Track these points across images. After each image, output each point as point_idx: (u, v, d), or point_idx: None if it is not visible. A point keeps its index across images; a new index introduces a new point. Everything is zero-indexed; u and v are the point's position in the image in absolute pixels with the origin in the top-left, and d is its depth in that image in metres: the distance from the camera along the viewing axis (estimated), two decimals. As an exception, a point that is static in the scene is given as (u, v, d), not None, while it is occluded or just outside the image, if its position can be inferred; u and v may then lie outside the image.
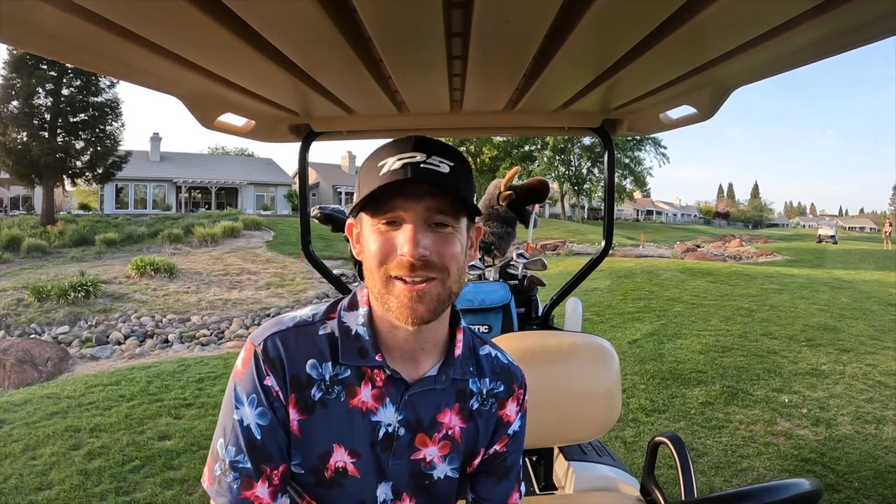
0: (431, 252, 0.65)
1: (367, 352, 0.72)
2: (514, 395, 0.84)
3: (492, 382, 0.82)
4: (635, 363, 4.65)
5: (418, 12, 0.67)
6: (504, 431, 0.83)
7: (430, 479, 0.77)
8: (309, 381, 0.71)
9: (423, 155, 0.66)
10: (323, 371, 0.72)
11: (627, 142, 33.64)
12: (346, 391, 0.72)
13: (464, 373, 0.78)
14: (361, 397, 0.72)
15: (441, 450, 0.77)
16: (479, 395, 0.80)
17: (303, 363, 0.71)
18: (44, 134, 19.40)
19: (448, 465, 0.78)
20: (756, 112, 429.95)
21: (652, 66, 0.88)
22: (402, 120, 1.41)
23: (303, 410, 0.71)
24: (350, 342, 0.73)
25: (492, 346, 0.86)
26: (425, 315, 0.66)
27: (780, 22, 0.66)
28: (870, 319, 6.26)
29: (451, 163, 0.68)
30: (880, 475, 2.81)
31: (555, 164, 35.54)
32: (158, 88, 1.04)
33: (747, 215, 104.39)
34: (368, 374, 0.73)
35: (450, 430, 0.77)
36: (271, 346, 0.71)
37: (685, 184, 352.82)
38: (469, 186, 0.70)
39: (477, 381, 0.80)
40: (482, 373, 0.81)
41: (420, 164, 0.65)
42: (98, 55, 0.82)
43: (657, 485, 1.31)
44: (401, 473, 0.75)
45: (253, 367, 0.71)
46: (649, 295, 7.58)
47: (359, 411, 0.72)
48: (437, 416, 0.76)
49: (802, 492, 0.80)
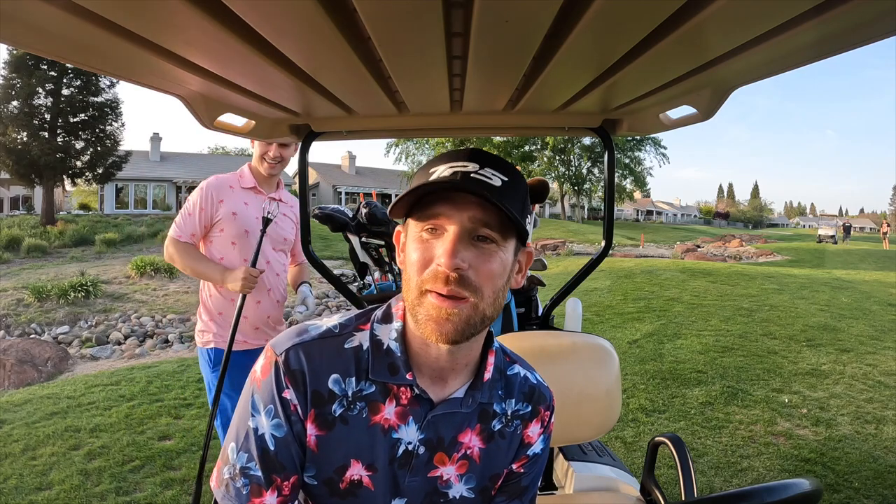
0: (469, 266, 0.62)
1: (398, 369, 0.70)
2: (540, 416, 0.81)
3: (518, 403, 0.79)
4: (635, 363, 4.65)
5: (418, 12, 0.67)
6: (524, 452, 0.81)
7: (446, 498, 0.75)
8: (331, 396, 0.69)
9: (475, 165, 0.64)
10: (346, 387, 0.70)
11: (627, 142, 33.65)
12: (368, 407, 0.70)
13: (491, 396, 0.76)
14: (384, 414, 0.70)
15: (458, 469, 0.75)
16: (504, 416, 0.78)
17: (325, 378, 0.69)
18: (44, 134, 19.40)
19: (465, 484, 0.76)
20: (756, 112, 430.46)
21: (652, 66, 0.88)
22: (402, 120, 1.41)
23: (322, 426, 0.69)
24: (380, 357, 0.70)
25: (522, 364, 0.83)
26: (452, 335, 0.63)
27: (780, 22, 0.66)
28: (870, 319, 6.26)
29: (504, 177, 0.65)
30: (880, 475, 2.82)
31: (555, 164, 35.54)
32: (158, 88, 1.04)
33: (747, 215, 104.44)
34: (394, 391, 0.70)
35: (469, 449, 0.75)
36: (293, 358, 0.69)
37: (685, 184, 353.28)
38: (522, 205, 0.66)
39: (503, 402, 0.78)
40: (510, 394, 0.79)
41: (471, 173, 0.63)
42: (98, 55, 0.82)
43: (657, 485, 1.31)
44: (416, 490, 0.74)
45: (273, 377, 0.69)
46: (649, 295, 7.58)
47: (380, 428, 0.70)
48: (457, 436, 0.74)
49: (802, 492, 0.80)
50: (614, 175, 1.60)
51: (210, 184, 2.00)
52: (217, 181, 2.01)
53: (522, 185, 0.68)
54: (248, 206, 2.01)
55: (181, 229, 1.97)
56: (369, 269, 2.70)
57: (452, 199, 0.63)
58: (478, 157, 0.66)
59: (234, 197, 2.00)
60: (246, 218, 2.00)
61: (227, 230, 1.98)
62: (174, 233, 1.97)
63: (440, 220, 0.63)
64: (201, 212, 1.96)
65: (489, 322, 0.66)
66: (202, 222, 1.97)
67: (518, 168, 0.70)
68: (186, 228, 1.97)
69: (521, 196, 0.66)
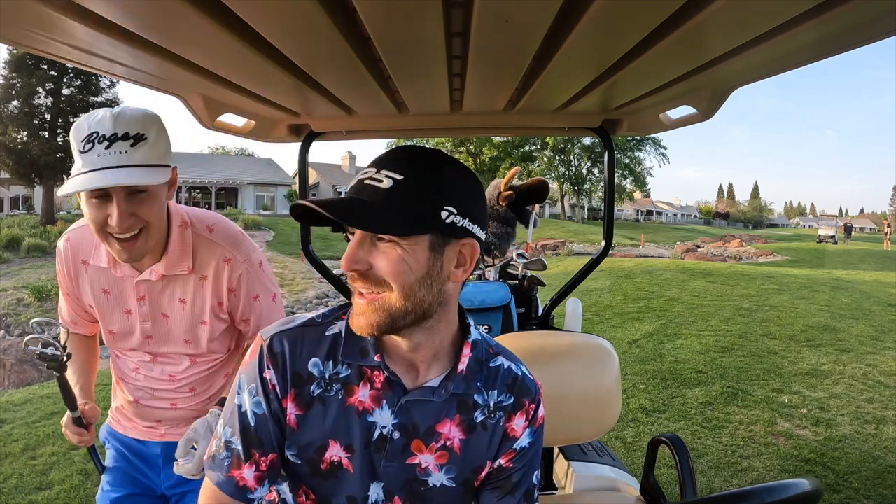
0: (370, 266, 0.66)
1: (367, 352, 0.74)
2: (524, 409, 0.81)
3: (500, 395, 0.79)
4: (635, 363, 4.65)
5: (418, 12, 0.67)
6: (510, 446, 0.81)
7: (426, 486, 0.77)
8: (309, 377, 0.74)
9: (373, 169, 0.67)
10: (324, 369, 0.74)
11: (627, 142, 33.65)
12: (344, 389, 0.74)
13: (467, 387, 0.77)
14: (359, 396, 0.74)
15: (438, 459, 0.77)
16: (486, 408, 0.78)
17: (306, 361, 0.74)
18: (44, 134, 19.44)
19: (445, 474, 0.78)
20: (757, 113, 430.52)
21: (652, 66, 0.88)
22: (402, 120, 1.41)
23: (301, 406, 0.74)
24: (353, 341, 0.75)
25: (507, 357, 0.83)
26: (366, 328, 0.68)
27: (780, 22, 0.66)
28: (870, 319, 6.26)
29: (400, 175, 0.65)
30: (880, 475, 2.82)
31: (555, 164, 35.55)
32: (158, 88, 1.05)
33: (747, 215, 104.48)
34: (368, 374, 0.74)
35: (448, 440, 0.77)
36: (277, 343, 0.75)
37: (685, 184, 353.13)
38: (430, 197, 0.66)
39: (484, 393, 0.79)
40: (491, 385, 0.79)
41: (364, 179, 0.67)
42: (98, 55, 0.82)
43: (657, 485, 1.31)
44: (393, 476, 0.76)
45: (257, 359, 0.75)
46: (649, 295, 7.58)
47: (355, 410, 0.74)
48: (435, 426, 0.76)
49: (802, 492, 0.80)
50: (614, 175, 1.61)
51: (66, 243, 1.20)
52: (76, 239, 1.19)
53: (431, 178, 0.67)
54: (108, 295, 1.19)
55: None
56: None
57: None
58: (388, 159, 0.68)
59: (89, 275, 1.19)
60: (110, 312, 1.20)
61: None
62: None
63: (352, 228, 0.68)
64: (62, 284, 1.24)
65: (411, 315, 0.68)
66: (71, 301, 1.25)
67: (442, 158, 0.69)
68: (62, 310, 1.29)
69: (425, 189, 0.66)
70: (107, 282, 1.18)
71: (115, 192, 0.96)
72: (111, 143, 0.94)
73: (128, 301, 1.18)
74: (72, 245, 1.19)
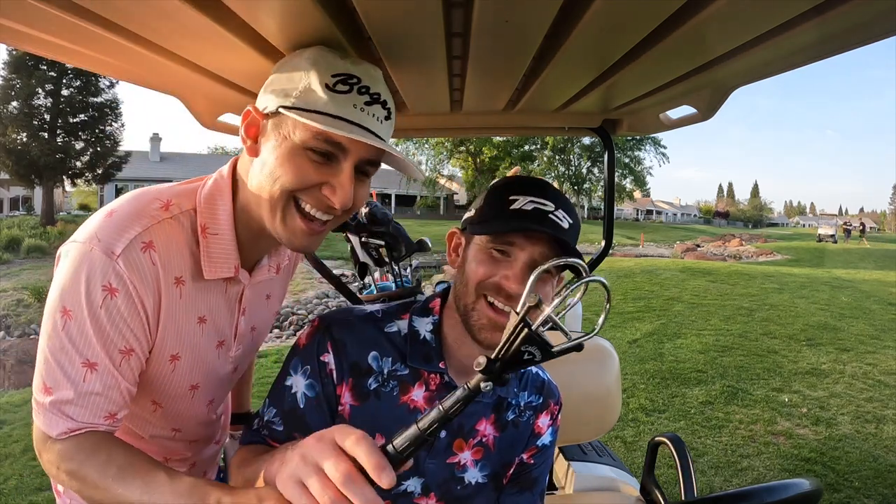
0: None
1: (431, 358, 0.77)
2: (549, 409, 0.88)
3: (530, 396, 0.86)
4: (635, 363, 4.65)
5: (418, 12, 0.67)
6: (534, 442, 0.87)
7: (462, 484, 0.81)
8: (368, 370, 0.76)
9: (552, 204, 0.72)
10: (382, 364, 0.77)
11: (627, 141, 33.62)
12: (399, 387, 0.77)
13: (508, 390, 0.83)
14: (412, 395, 0.77)
15: (474, 455, 0.81)
16: (517, 408, 0.84)
17: (366, 353, 0.76)
18: (43, 134, 19.43)
19: (479, 471, 0.82)
20: (757, 113, 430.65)
21: (652, 66, 0.88)
22: (401, 120, 1.41)
23: (357, 397, 0.76)
24: (417, 345, 0.78)
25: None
26: (497, 343, 0.69)
27: (780, 22, 0.66)
28: (870, 318, 6.27)
29: (571, 220, 0.73)
30: (880, 474, 2.82)
31: (555, 164, 35.52)
32: (159, 88, 1.04)
33: (747, 215, 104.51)
34: (425, 376, 0.78)
35: (484, 437, 0.82)
36: (337, 329, 0.77)
37: (685, 183, 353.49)
38: (576, 243, 0.74)
39: (517, 395, 0.85)
40: (523, 387, 0.86)
41: (549, 213, 0.72)
42: (98, 55, 0.82)
43: (657, 485, 1.31)
44: (434, 473, 0.79)
45: (316, 341, 0.76)
46: (649, 294, 7.58)
47: (406, 407, 0.77)
48: (474, 425, 0.81)
49: (802, 492, 0.80)
50: (614, 175, 1.60)
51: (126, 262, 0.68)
52: (164, 244, 0.72)
53: (578, 225, 0.75)
54: (203, 327, 0.79)
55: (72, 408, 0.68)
56: (369, 269, 2.69)
57: (527, 231, 0.71)
58: (551, 196, 0.74)
59: (184, 302, 0.77)
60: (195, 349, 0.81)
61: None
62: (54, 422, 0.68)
63: (513, 247, 0.71)
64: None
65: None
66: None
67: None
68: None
69: (577, 235, 0.75)
70: (206, 305, 0.77)
71: (354, 159, 0.70)
72: (372, 101, 0.70)
73: (224, 327, 0.82)
74: (161, 255, 0.70)
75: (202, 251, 0.74)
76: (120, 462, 0.65)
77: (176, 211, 0.72)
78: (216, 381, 0.87)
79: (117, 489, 0.63)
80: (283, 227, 0.71)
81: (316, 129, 0.66)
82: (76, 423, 0.67)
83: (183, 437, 0.90)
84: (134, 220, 0.69)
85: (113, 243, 0.66)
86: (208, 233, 0.74)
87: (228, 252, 0.76)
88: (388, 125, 0.73)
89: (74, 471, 0.65)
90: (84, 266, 0.65)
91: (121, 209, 0.70)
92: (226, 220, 0.75)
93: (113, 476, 0.64)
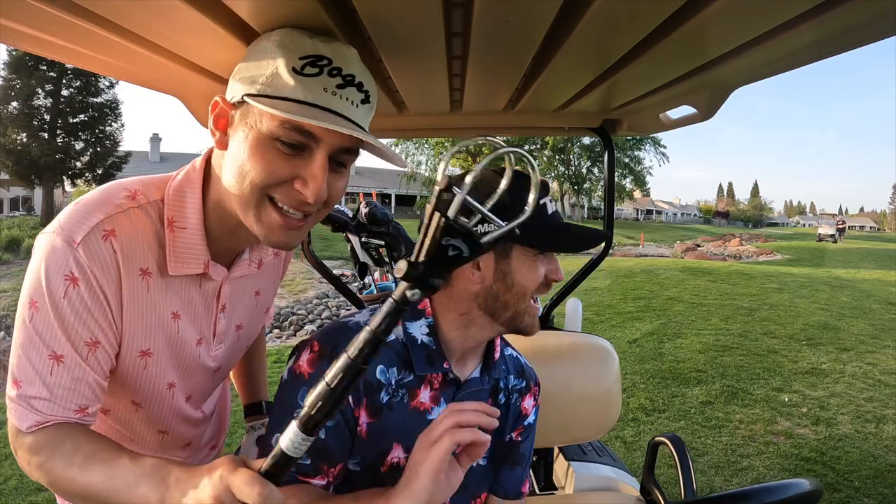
0: None
1: (434, 360, 0.77)
2: (531, 391, 0.93)
3: (515, 379, 0.91)
4: (635, 363, 4.65)
5: (418, 12, 0.67)
6: (521, 422, 0.92)
7: (470, 470, 0.81)
8: (379, 385, 0.75)
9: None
10: (390, 376, 0.76)
11: (627, 141, 33.60)
12: (408, 393, 0.77)
13: (498, 373, 0.87)
14: (420, 398, 0.78)
15: None
16: (506, 390, 0.89)
17: (374, 367, 0.74)
18: (43, 135, 19.43)
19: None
20: (757, 112, 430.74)
21: (652, 66, 0.88)
22: (402, 120, 1.41)
23: (372, 414, 0.75)
24: (417, 351, 0.77)
25: (511, 347, 0.97)
26: None
27: (780, 22, 0.66)
28: (870, 318, 6.27)
29: None
30: (880, 474, 2.82)
31: (554, 164, 35.51)
32: (159, 88, 1.04)
33: (747, 214, 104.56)
34: (428, 377, 0.78)
35: None
36: (343, 349, 0.69)
37: (685, 183, 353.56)
38: None
39: (505, 378, 0.89)
40: (509, 370, 0.91)
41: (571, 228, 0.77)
42: (98, 55, 0.82)
43: (657, 485, 1.31)
44: None
45: (323, 369, 0.67)
46: (649, 294, 7.58)
47: (417, 411, 0.77)
48: None
49: (802, 492, 0.80)
50: (614, 175, 1.60)
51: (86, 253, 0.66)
52: (125, 234, 0.69)
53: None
54: (178, 322, 0.77)
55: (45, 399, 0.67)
56: (369, 269, 2.69)
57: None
58: None
59: (151, 296, 0.74)
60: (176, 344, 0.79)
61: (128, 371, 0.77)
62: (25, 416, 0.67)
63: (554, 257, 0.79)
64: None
65: None
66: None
67: None
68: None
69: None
70: (179, 300, 0.75)
71: (327, 149, 0.65)
72: (346, 84, 0.65)
73: (202, 324, 0.79)
74: (124, 244, 0.67)
75: (168, 246, 0.71)
76: (86, 451, 0.64)
77: (143, 200, 0.70)
78: (195, 380, 0.85)
79: (82, 479, 0.63)
80: (258, 223, 0.68)
81: (282, 118, 0.61)
82: (44, 416, 0.65)
83: (172, 440, 0.89)
84: (97, 209, 0.67)
85: (74, 232, 0.64)
86: (175, 227, 0.71)
87: (197, 247, 0.72)
88: (367, 109, 0.68)
89: (43, 463, 0.65)
90: (46, 256, 0.64)
91: (88, 198, 0.69)
92: (194, 215, 0.71)
93: (79, 465, 0.63)
